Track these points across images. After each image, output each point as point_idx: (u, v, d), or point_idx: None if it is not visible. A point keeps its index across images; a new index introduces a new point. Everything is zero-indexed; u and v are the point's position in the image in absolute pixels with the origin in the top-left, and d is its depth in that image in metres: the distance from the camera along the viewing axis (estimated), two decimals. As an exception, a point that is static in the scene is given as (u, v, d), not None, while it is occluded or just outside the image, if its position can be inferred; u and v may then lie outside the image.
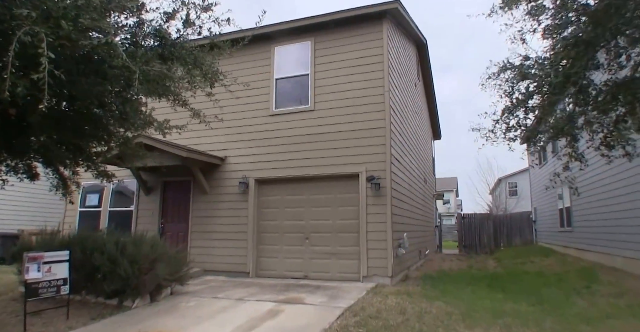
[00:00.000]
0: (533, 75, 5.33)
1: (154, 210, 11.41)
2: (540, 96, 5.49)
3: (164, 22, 5.25)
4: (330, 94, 9.96)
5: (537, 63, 5.26)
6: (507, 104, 5.85)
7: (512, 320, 6.23)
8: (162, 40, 5.36)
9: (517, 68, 5.55)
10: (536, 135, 5.96)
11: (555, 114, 5.82)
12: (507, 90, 5.78)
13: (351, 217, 9.42)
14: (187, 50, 5.51)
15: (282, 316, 6.42)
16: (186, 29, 5.44)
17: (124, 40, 5.38)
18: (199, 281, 9.50)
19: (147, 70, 4.62)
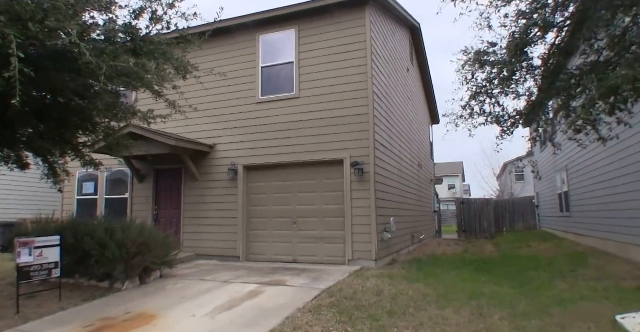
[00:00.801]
0: (491, 62, 5.40)
1: (147, 197, 11.68)
2: (499, 82, 5.56)
3: (132, 19, 5.42)
4: (315, 81, 10.07)
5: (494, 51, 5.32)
6: (472, 90, 5.92)
7: (486, 301, 6.39)
8: (132, 36, 5.53)
9: (475, 55, 5.61)
10: (506, 120, 6.03)
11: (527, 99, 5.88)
12: (467, 77, 5.85)
13: (336, 202, 9.60)
14: (156, 45, 5.66)
15: (261, 297, 6.66)
16: (154, 25, 5.59)
17: (96, 37, 5.55)
18: (191, 265, 9.78)
19: (114, 66, 4.79)
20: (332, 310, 5.83)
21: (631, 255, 9.69)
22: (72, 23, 4.17)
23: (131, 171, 11.66)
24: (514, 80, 5.46)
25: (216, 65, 10.83)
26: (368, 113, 9.46)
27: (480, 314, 5.77)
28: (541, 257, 11.66)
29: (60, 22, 4.14)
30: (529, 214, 23.83)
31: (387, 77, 11.25)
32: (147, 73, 5.72)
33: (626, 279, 7.58)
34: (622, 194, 10.13)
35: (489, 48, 5.43)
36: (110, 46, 5.11)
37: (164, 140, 9.89)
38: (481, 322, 5.39)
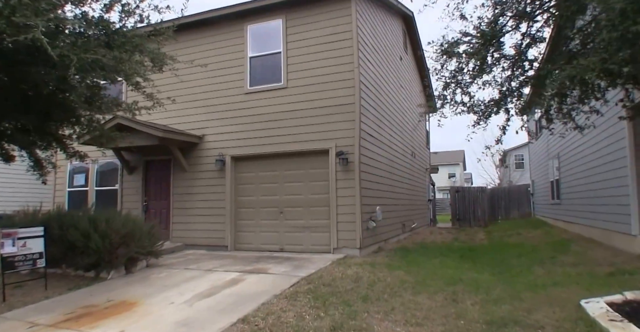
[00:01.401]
0: (458, 53, 5.44)
1: (137, 188, 11.80)
2: (468, 73, 5.61)
3: (104, 12, 5.48)
4: (302, 71, 10.11)
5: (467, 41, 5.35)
6: (443, 81, 5.97)
7: (463, 288, 6.51)
8: (104, 30, 5.59)
9: (439, 46, 5.66)
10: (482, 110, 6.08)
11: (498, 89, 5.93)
12: (436, 68, 5.90)
13: (322, 191, 9.69)
14: (127, 38, 5.73)
15: (242, 284, 6.79)
16: (127, 18, 5.64)
17: (70, 31, 5.62)
18: (179, 255, 9.93)
19: (86, 59, 4.86)
20: (308, 296, 5.96)
21: (613, 242, 9.80)
22: (38, 19, 4.24)
23: (121, 162, 11.76)
24: (484, 70, 5.51)
25: (205, 56, 10.98)
26: (354, 103, 9.51)
27: (453, 299, 5.88)
28: (527, 244, 11.79)
29: (27, 17, 4.21)
30: (524, 202, 23.92)
31: (376, 66, 11.28)
32: (122, 66, 5.79)
33: (602, 265, 7.69)
34: (603, 182, 10.22)
35: (462, 38, 5.47)
36: (82, 40, 5.17)
37: (151, 131, 9.98)
38: (453, 308, 5.50)
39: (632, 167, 8.51)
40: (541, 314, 5.03)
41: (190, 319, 5.29)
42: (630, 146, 8.49)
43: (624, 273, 6.78)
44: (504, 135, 5.77)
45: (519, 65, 5.55)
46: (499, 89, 5.65)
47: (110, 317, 5.54)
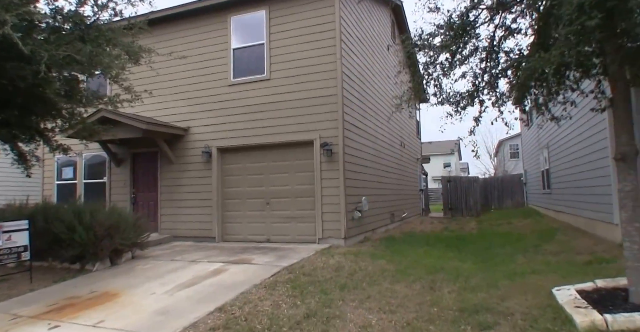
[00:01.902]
0: (428, 46, 5.46)
1: (125, 181, 11.84)
2: (440, 66, 5.62)
3: (78, 6, 5.48)
4: (285, 62, 10.12)
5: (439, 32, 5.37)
6: (414, 74, 5.98)
7: (443, 276, 6.61)
8: (77, 24, 5.59)
9: (410, 39, 5.67)
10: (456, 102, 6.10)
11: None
12: (406, 61, 5.89)
13: (307, 182, 9.76)
14: (101, 32, 5.73)
15: (224, 274, 6.87)
16: (101, 12, 5.65)
17: (46, 26, 5.64)
18: (166, 246, 10.01)
19: (57, 55, 4.88)
20: (287, 285, 6.05)
21: (597, 231, 9.91)
22: (8, 14, 4.24)
23: (108, 155, 11.78)
24: (454, 65, 5.54)
25: (189, 48, 10.99)
26: (337, 94, 9.54)
27: (431, 287, 5.98)
28: (515, 233, 11.91)
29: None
30: (517, 191, 24.08)
31: (360, 57, 11.28)
32: (97, 59, 5.80)
33: (582, 254, 7.79)
34: (588, 172, 10.31)
35: (436, 31, 5.48)
36: (54, 35, 5.18)
37: (135, 124, 10.00)
38: (429, 295, 5.60)
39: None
40: (513, 302, 5.12)
41: (169, 308, 5.38)
42: (611, 137, 8.54)
43: (601, 261, 6.89)
44: (477, 126, 5.79)
45: (492, 57, 5.57)
46: (473, 82, 5.68)
47: (92, 308, 5.62)
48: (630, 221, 4.31)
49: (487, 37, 5.58)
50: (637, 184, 4.28)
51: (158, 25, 11.44)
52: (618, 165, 4.32)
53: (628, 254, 4.40)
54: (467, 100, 5.74)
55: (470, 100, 5.62)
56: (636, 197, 4.27)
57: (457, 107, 5.89)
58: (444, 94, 5.89)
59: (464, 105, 5.90)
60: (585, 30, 3.43)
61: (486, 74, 5.53)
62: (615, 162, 4.37)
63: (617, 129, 4.32)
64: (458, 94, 5.97)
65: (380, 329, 4.48)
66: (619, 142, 4.29)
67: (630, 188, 4.25)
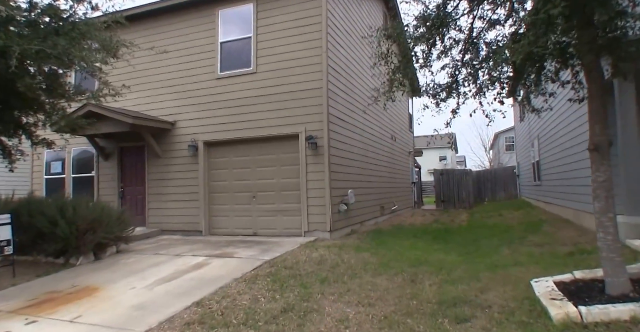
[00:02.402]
0: (401, 37, 5.41)
1: (113, 175, 11.77)
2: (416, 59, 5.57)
3: (54, 0, 5.40)
4: (272, 55, 10.05)
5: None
6: (390, 68, 5.90)
7: (426, 268, 6.60)
8: (53, 18, 5.52)
9: (381, 31, 5.61)
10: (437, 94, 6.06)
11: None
12: (383, 53, 5.82)
13: (293, 175, 9.72)
14: (75, 26, 5.65)
15: (205, 268, 6.85)
16: (77, 4, 5.56)
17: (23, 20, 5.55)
18: (152, 240, 9.97)
19: (29, 49, 4.81)
20: (268, 279, 6.03)
21: (583, 222, 9.92)
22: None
23: (96, 149, 11.71)
24: (429, 59, 5.49)
25: (176, 42, 10.93)
26: (322, 87, 9.48)
27: (412, 280, 5.97)
28: (503, 225, 11.92)
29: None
30: (510, 183, 24.10)
31: (349, 50, 11.21)
32: (71, 53, 5.72)
33: (566, 245, 7.80)
34: (576, 163, 10.31)
35: (413, 22, 5.42)
36: (29, 29, 5.11)
37: (121, 118, 9.92)
38: (409, 288, 5.59)
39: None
40: (492, 294, 5.12)
41: (147, 303, 5.36)
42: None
43: (583, 253, 6.89)
44: (454, 118, 5.74)
45: (471, 49, 5.51)
46: (451, 73, 5.62)
47: (71, 303, 5.59)
48: (603, 211, 4.31)
49: (466, 29, 5.51)
50: (611, 174, 4.26)
51: (147, 19, 11.40)
52: (592, 155, 4.30)
53: (602, 245, 4.40)
54: (445, 92, 5.68)
55: (448, 93, 5.57)
56: (609, 187, 4.26)
57: (437, 100, 5.84)
58: (424, 86, 5.84)
59: (444, 97, 5.86)
60: (551, 19, 3.39)
61: (465, 67, 5.47)
62: (589, 152, 4.34)
63: (591, 119, 4.30)
64: (437, 86, 5.92)
65: (357, 323, 4.46)
66: (592, 133, 4.27)
67: (603, 178, 4.24)
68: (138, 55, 11.15)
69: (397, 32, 5.34)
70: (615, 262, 4.34)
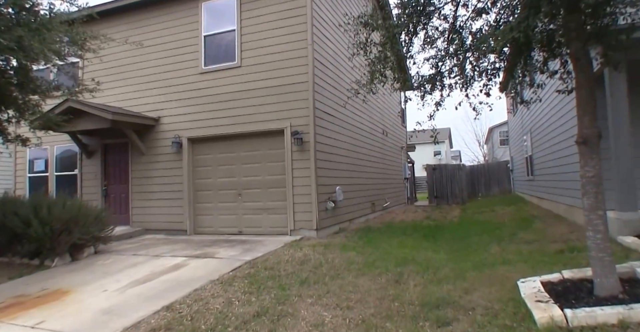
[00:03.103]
0: (380, 26, 5.14)
1: (96, 173, 11.49)
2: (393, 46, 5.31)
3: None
4: (257, 49, 9.77)
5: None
6: (369, 58, 5.64)
7: (412, 268, 6.36)
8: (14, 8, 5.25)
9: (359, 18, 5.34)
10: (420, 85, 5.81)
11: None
12: (360, 41, 5.55)
13: (279, 172, 9.46)
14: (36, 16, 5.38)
15: (183, 270, 6.60)
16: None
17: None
18: (135, 240, 9.71)
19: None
20: (245, 281, 5.79)
21: (575, 217, 9.70)
22: None
23: (79, 146, 11.41)
24: (412, 43, 5.23)
25: (159, 35, 10.67)
26: (308, 81, 9.21)
27: (396, 281, 5.74)
28: (494, 222, 11.69)
29: None
30: (504, 178, 23.88)
31: (336, 42, 10.91)
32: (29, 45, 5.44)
33: (556, 242, 7.57)
34: (568, 157, 10.08)
35: (395, 9, 5.16)
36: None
37: (102, 114, 9.63)
38: (393, 289, 5.35)
39: (591, 142, 8.34)
40: (477, 295, 4.89)
41: (116, 307, 5.11)
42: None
43: (572, 250, 6.65)
44: (437, 110, 5.49)
45: (454, 39, 5.24)
46: (435, 64, 5.36)
47: (37, 307, 5.35)
48: (593, 208, 4.07)
49: (450, 17, 5.25)
50: (600, 169, 4.01)
51: (128, 13, 11.15)
52: (580, 149, 4.04)
53: (591, 244, 4.17)
54: (430, 84, 5.43)
55: (432, 85, 5.31)
56: (599, 183, 4.01)
57: (421, 92, 5.59)
58: (408, 77, 5.58)
59: (428, 89, 5.60)
60: (533, 1, 3.14)
61: (450, 58, 5.21)
62: (577, 146, 4.09)
63: (579, 110, 4.05)
64: (421, 78, 5.67)
65: (332, 328, 4.23)
66: (581, 125, 4.01)
67: (592, 174, 3.99)
68: (121, 50, 10.95)
69: (375, 20, 5.05)
70: (605, 262, 4.10)
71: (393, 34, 4.95)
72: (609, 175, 6.40)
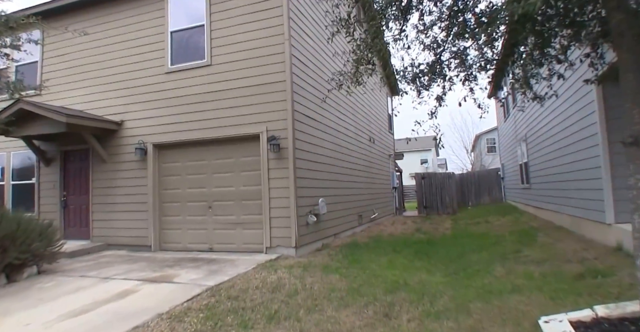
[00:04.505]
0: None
1: (55, 182, 10.34)
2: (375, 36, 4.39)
3: None
4: (229, 46, 8.77)
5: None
6: (356, 51, 4.72)
7: (405, 295, 5.39)
8: None
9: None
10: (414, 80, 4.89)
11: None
12: (339, 18, 4.62)
13: (254, 182, 8.43)
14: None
15: (130, 298, 5.51)
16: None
17: None
18: (91, 257, 8.58)
19: None
20: (200, 315, 4.71)
21: (583, 231, 8.81)
22: None
23: (35, 153, 10.26)
24: (406, 23, 4.31)
25: (123, 32, 9.78)
26: (285, 80, 8.22)
27: (386, 314, 4.73)
28: (492, 235, 10.72)
29: None
30: (495, 186, 23.20)
31: (316, 39, 9.94)
32: None
33: (570, 262, 6.61)
34: (573, 163, 9.22)
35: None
36: None
37: (54, 116, 8.55)
38: (381, 326, 4.36)
39: (604, 146, 7.44)
40: (488, 336, 3.90)
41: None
42: (601, 122, 7.43)
43: (595, 274, 5.68)
44: (440, 106, 4.56)
45: (456, 21, 4.30)
46: (433, 50, 4.42)
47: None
48: (646, 229, 3.09)
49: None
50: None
51: (93, 7, 10.08)
52: (628, 151, 3.07)
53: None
54: (427, 75, 4.45)
55: (431, 76, 4.34)
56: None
57: (417, 86, 4.61)
58: (401, 70, 4.61)
59: (426, 82, 4.63)
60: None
61: (449, 43, 4.26)
62: (624, 147, 3.11)
63: (628, 102, 3.06)
64: (416, 68, 4.71)
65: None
66: (629, 121, 3.03)
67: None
68: (82, 48, 10.00)
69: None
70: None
71: (384, 7, 3.97)
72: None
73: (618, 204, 7.30)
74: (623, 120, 3.11)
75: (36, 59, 10.73)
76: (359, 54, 4.47)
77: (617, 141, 7.27)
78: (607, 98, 7.23)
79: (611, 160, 7.37)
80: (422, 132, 5.28)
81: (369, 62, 4.52)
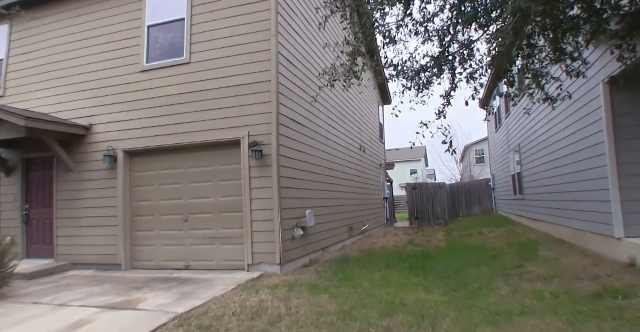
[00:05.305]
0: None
1: (16, 194, 9.44)
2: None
3: None
4: (209, 41, 8.06)
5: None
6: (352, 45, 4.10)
7: (402, 318, 4.69)
8: None
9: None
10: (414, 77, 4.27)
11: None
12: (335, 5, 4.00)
13: (234, 193, 7.68)
14: None
15: (84, 329, 4.69)
16: None
17: None
18: (52, 279, 7.71)
19: None
20: (165, 353, 3.95)
21: (588, 244, 8.21)
22: None
23: (-8, 161, 9.41)
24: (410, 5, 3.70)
25: (97, 26, 9.05)
26: (270, 80, 7.52)
27: (383, 345, 4.01)
28: (488, 247, 10.09)
29: None
30: (485, 197, 22.90)
31: (305, 36, 9.28)
32: None
33: (582, 280, 5.96)
34: (575, 173, 8.66)
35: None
36: None
37: (11, 119, 7.69)
38: (379, 362, 3.63)
39: (610, 156, 6.89)
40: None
41: None
42: (608, 129, 6.87)
43: (615, 294, 5.03)
44: (449, 105, 3.92)
45: (463, 9, 3.68)
46: (439, 41, 3.78)
47: None
48: None
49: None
50: None
51: (57, 2, 9.33)
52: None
53: None
54: (431, 70, 3.79)
55: (436, 70, 3.69)
56: None
57: (417, 82, 3.95)
58: (399, 64, 3.96)
59: (427, 78, 3.97)
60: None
61: (459, 31, 3.61)
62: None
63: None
64: (416, 62, 4.05)
65: None
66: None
67: None
68: (50, 45, 9.30)
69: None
70: None
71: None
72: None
73: (627, 217, 6.78)
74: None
75: (1, 57, 9.93)
76: (356, 44, 3.81)
77: (625, 150, 6.73)
78: (615, 104, 6.71)
79: (619, 170, 6.86)
80: (446, 125, 4.61)
81: (364, 54, 3.86)
